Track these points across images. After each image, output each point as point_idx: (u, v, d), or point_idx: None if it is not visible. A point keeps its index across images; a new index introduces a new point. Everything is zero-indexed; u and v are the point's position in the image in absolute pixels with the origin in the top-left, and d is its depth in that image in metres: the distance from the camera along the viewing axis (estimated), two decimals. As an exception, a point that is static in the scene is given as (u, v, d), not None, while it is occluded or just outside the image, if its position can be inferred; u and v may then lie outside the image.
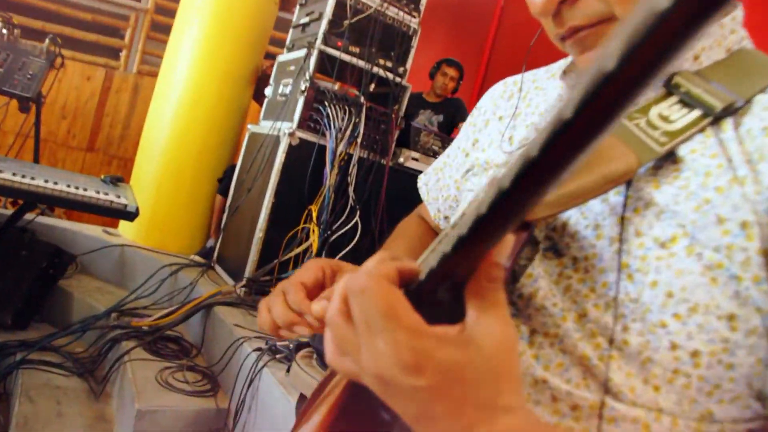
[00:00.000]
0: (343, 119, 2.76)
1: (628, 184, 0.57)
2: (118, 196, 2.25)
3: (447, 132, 4.35)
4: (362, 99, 2.83)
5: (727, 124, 0.56)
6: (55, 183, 2.10)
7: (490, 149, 0.80)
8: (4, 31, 2.62)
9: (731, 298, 0.51)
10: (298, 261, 2.77)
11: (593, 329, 0.56)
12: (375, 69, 2.93)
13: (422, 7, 3.07)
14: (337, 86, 2.87)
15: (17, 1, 4.88)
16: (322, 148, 2.77)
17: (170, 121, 3.50)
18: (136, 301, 2.89)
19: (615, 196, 0.58)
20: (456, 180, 0.90)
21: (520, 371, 0.43)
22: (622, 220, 0.56)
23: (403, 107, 3.03)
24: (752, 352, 0.51)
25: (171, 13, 4.73)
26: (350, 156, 2.79)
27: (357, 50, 2.90)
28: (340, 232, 2.78)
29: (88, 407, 2.29)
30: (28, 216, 2.87)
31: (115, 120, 5.18)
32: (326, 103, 2.74)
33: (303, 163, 2.75)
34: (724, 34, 0.61)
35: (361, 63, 2.89)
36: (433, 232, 0.98)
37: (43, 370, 2.38)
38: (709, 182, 0.53)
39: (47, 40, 2.78)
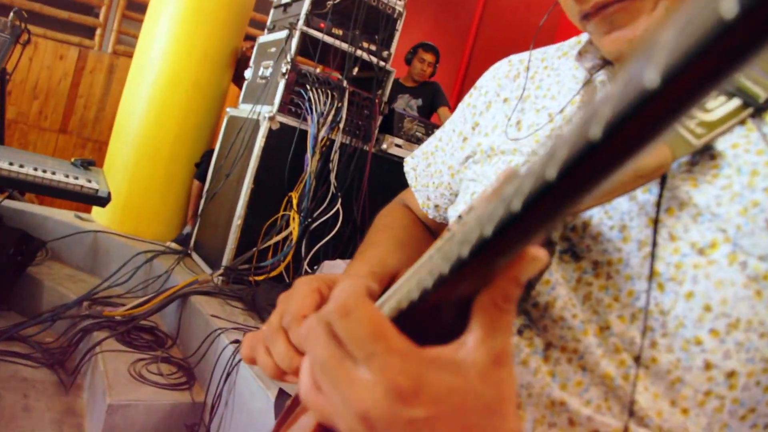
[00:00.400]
0: (325, 104, 2.68)
1: (662, 180, 0.51)
2: (89, 181, 2.15)
3: (426, 116, 4.30)
4: (345, 83, 2.75)
5: None
6: (21, 166, 2.00)
7: (494, 134, 0.72)
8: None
9: None
10: (277, 249, 2.70)
11: (617, 344, 0.50)
12: (359, 52, 2.85)
13: (408, -11, 2.99)
14: (319, 69, 2.78)
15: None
16: (303, 133, 2.69)
17: (146, 103, 3.38)
18: (109, 290, 2.79)
19: (644, 194, 0.52)
20: (450, 166, 0.82)
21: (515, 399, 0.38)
22: (655, 222, 0.50)
23: (387, 92, 2.96)
24: None
25: (148, -9, 4.60)
26: (332, 141, 2.71)
27: (340, 33, 2.81)
28: (321, 220, 2.72)
29: (57, 400, 2.20)
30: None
31: (90, 101, 5.03)
32: (308, 87, 2.66)
33: (283, 148, 2.67)
34: None
35: (344, 46, 2.81)
36: (420, 222, 0.90)
37: (9, 361, 2.28)
38: (757, 182, 0.48)
39: (11, 14, 2.65)
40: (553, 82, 0.70)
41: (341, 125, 2.72)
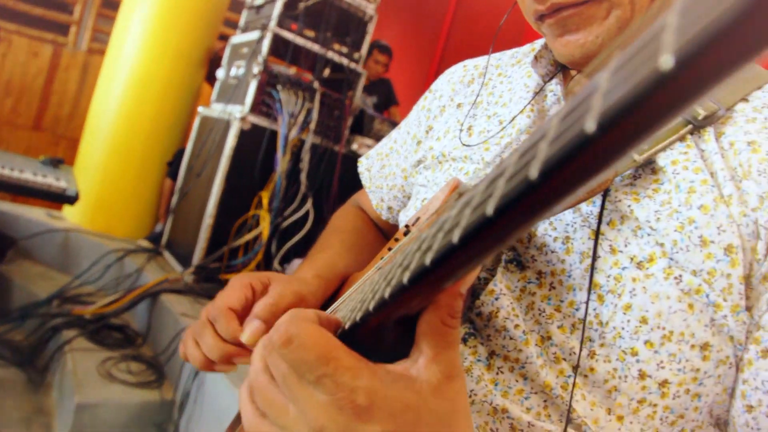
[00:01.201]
0: (296, 104, 2.71)
1: (605, 193, 0.52)
2: (58, 179, 2.17)
3: (380, 113, 4.37)
4: (316, 84, 2.78)
5: (709, 133, 0.52)
6: (-11, 165, 2.00)
7: (446, 139, 0.72)
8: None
9: (706, 327, 0.48)
10: (247, 248, 2.73)
11: (557, 354, 0.52)
12: (330, 54, 2.88)
13: (379, -7, 3.03)
14: (293, 71, 2.81)
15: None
16: (274, 134, 2.72)
17: (118, 101, 3.38)
18: (80, 288, 2.80)
19: (588, 206, 0.53)
20: (404, 169, 0.82)
21: (469, 405, 0.40)
22: (596, 234, 0.52)
23: (358, 94, 2.99)
24: (720, 382, 0.49)
25: (123, -11, 4.58)
26: (303, 142, 2.74)
27: (312, 34, 2.84)
28: (291, 219, 2.75)
29: (26, 399, 2.21)
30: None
31: (64, 99, 4.99)
32: (279, 88, 2.68)
33: (254, 148, 2.70)
34: None
35: (315, 47, 2.84)
36: (372, 224, 0.91)
37: (-22, 359, 2.28)
38: (693, 200, 0.49)
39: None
40: (506, 89, 0.70)
41: (312, 126, 2.75)
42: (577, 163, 0.21)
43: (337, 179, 2.83)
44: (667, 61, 0.17)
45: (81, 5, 5.06)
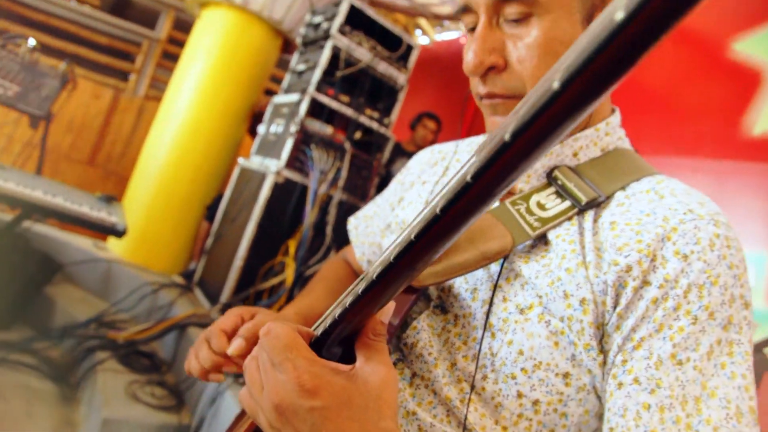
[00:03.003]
0: (327, 162, 2.96)
1: (505, 257, 0.66)
2: (110, 214, 2.43)
3: None
4: (347, 145, 3.04)
5: (589, 215, 0.66)
6: (53, 196, 2.28)
7: (409, 209, 0.85)
8: (26, 52, 2.84)
9: (568, 360, 0.60)
10: (272, 291, 2.93)
11: (460, 376, 0.65)
12: (362, 118, 3.14)
13: (411, 65, 3.30)
14: (329, 130, 3.07)
15: (41, 21, 5.14)
16: (305, 188, 2.96)
17: (168, 147, 3.70)
18: (115, 315, 3.03)
19: (495, 266, 0.67)
20: (382, 229, 0.96)
21: (397, 403, 0.55)
22: (494, 287, 0.66)
23: (386, 156, 3.24)
24: (582, 405, 0.62)
25: (182, 44, 4.99)
26: (331, 197, 2.98)
27: (347, 99, 3.11)
28: (314, 268, 2.95)
29: (57, 411, 2.40)
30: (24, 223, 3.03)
31: (117, 139, 5.38)
32: (313, 146, 2.94)
33: (286, 199, 2.93)
34: (600, 136, 0.72)
35: (349, 111, 3.11)
36: (354, 274, 1.03)
37: (19, 370, 2.49)
38: (563, 264, 0.63)
39: (64, 64, 3.01)
40: None
41: (340, 183, 2.99)
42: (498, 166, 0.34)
43: (359, 233, 3.04)
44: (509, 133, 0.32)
45: (143, 55, 5.50)
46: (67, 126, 5.11)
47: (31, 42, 3.06)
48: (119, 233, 2.37)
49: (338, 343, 0.54)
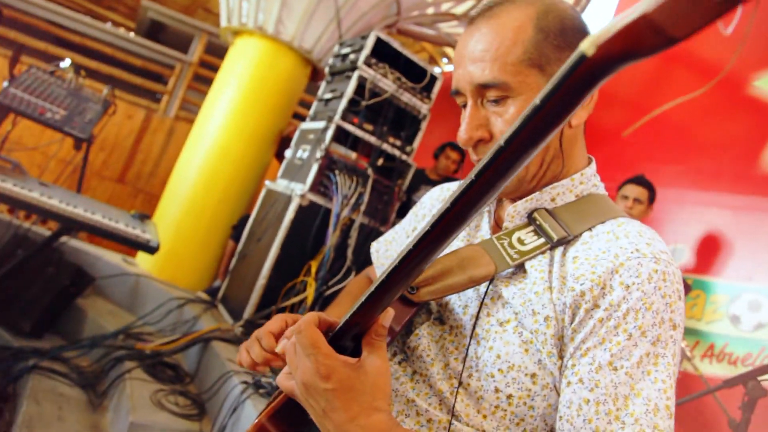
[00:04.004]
0: (350, 187, 3.09)
1: (490, 281, 0.82)
2: (144, 231, 2.57)
3: None
4: (370, 171, 3.16)
5: (559, 250, 0.80)
6: (93, 213, 2.42)
7: None
8: (73, 78, 3.03)
9: (535, 363, 0.75)
10: (293, 309, 3.04)
11: (451, 374, 0.81)
12: (384, 146, 3.27)
13: (434, 95, 3.43)
14: (354, 156, 3.19)
15: (78, 43, 5.39)
16: (328, 211, 3.08)
17: (198, 168, 3.86)
18: (142, 327, 3.16)
19: (483, 287, 0.83)
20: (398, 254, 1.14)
21: (390, 390, 0.69)
22: (480, 305, 0.82)
23: (407, 183, 3.35)
24: (546, 399, 0.76)
25: (213, 68, 5.20)
26: (353, 221, 3.09)
27: (370, 127, 3.25)
28: (335, 289, 3.05)
29: (85, 416, 2.52)
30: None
31: (148, 158, 5.58)
32: (337, 172, 3.07)
33: (310, 222, 3.06)
34: (575, 184, 0.86)
35: (372, 139, 3.24)
36: None
37: (51, 377, 2.62)
38: (533, 287, 0.78)
39: (106, 90, 3.19)
40: None
41: (362, 207, 3.11)
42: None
43: (379, 256, 3.14)
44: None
45: (175, 78, 5.72)
46: (100, 145, 5.32)
47: (67, 62, 3.25)
48: (152, 249, 2.51)
49: (351, 338, 0.70)
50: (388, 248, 1.15)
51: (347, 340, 0.70)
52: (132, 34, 5.75)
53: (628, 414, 0.68)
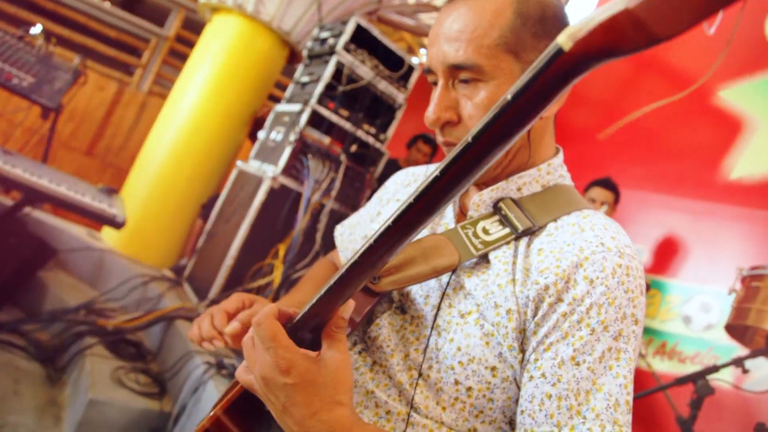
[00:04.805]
0: (322, 172, 3.09)
1: (453, 271, 0.80)
2: (111, 206, 2.53)
3: None
4: (342, 157, 3.16)
5: (524, 241, 0.79)
6: (58, 184, 2.38)
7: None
8: (42, 45, 2.95)
9: (496, 356, 0.74)
10: (259, 291, 3.04)
11: (411, 365, 0.80)
12: (359, 133, 3.27)
13: (411, 85, 3.44)
14: (327, 141, 3.19)
15: (50, 9, 5.23)
16: (299, 195, 3.08)
17: (169, 144, 3.81)
18: (105, 303, 3.13)
19: (445, 278, 0.81)
20: (362, 238, 1.08)
21: (352, 383, 0.69)
22: (442, 295, 0.80)
23: (379, 170, 3.37)
24: (505, 392, 0.75)
25: (190, 44, 5.11)
26: (323, 206, 3.10)
27: (346, 113, 3.24)
28: (302, 273, 3.06)
29: (42, 391, 2.48)
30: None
31: (117, 132, 5.47)
32: (310, 156, 3.06)
33: (280, 204, 3.05)
34: (541, 174, 0.85)
35: (347, 125, 3.24)
36: None
37: (8, 350, 2.57)
38: (497, 280, 0.76)
39: (77, 59, 3.12)
40: None
41: (333, 193, 3.11)
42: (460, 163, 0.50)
43: (347, 243, 3.15)
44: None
45: (150, 52, 5.61)
46: (69, 115, 5.19)
47: (38, 28, 3.17)
48: (118, 225, 2.48)
49: (309, 330, 0.69)
50: (352, 232, 1.14)
51: (306, 332, 0.69)
52: (108, 4, 5.58)
53: (589, 409, 0.68)
